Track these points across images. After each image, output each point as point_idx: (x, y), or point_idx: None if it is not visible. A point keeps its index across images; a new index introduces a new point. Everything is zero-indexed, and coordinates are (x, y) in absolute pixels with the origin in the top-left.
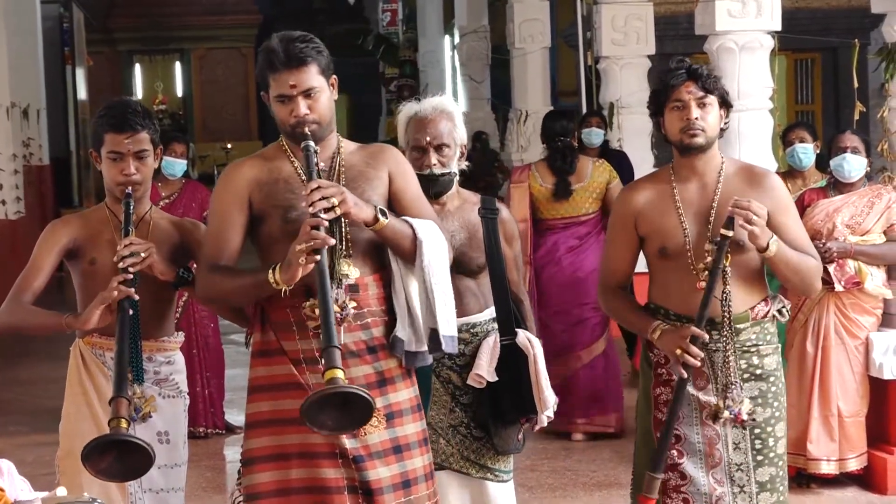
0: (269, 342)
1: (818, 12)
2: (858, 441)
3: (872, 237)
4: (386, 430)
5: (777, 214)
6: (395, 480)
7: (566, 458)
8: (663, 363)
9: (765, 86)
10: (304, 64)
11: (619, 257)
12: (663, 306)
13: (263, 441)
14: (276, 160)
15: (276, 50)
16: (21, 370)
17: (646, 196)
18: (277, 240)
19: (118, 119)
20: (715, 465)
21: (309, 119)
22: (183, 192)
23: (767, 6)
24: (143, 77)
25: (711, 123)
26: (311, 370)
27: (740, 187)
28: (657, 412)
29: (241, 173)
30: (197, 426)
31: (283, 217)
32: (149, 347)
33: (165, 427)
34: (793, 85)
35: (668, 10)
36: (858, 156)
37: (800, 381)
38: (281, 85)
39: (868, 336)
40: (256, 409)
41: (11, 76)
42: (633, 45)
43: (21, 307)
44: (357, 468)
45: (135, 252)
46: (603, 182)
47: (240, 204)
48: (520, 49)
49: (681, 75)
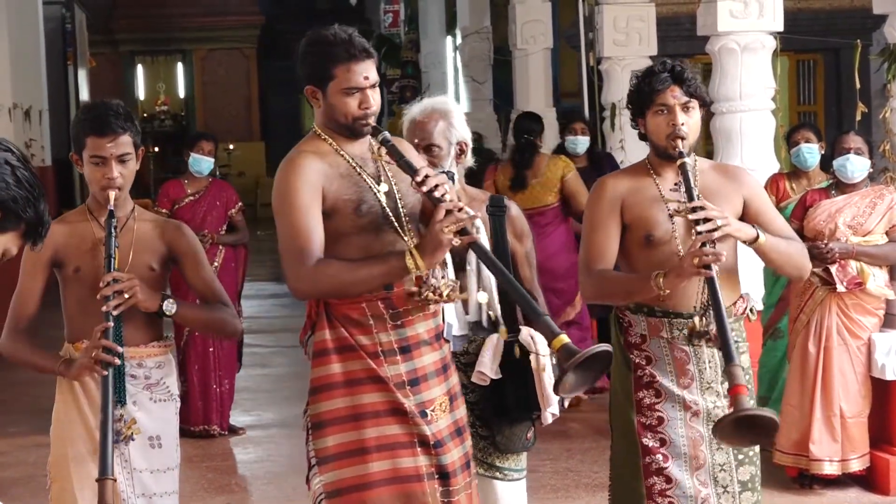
0: (340, 338)
1: (820, 13)
2: (861, 442)
3: (874, 238)
4: (449, 414)
5: (756, 204)
6: (462, 462)
7: (568, 459)
8: (644, 364)
9: (767, 86)
10: (372, 57)
11: (604, 241)
12: (647, 304)
13: (340, 437)
14: (327, 154)
15: (350, 41)
16: (21, 371)
17: (627, 185)
18: (347, 234)
19: (99, 122)
20: (699, 467)
21: (374, 112)
22: (208, 190)
23: (769, 7)
24: (145, 78)
25: (694, 128)
26: (390, 362)
27: (717, 180)
28: (640, 416)
29: (311, 165)
30: (211, 425)
31: (355, 210)
32: (139, 353)
33: (157, 431)
34: (794, 86)
35: (670, 11)
36: (862, 157)
37: (802, 382)
38: (354, 76)
39: (870, 337)
40: (330, 407)
41: (13, 77)
42: (634, 46)
43: (21, 346)
44: (436, 453)
45: (118, 291)
46: (558, 175)
47: (318, 196)
48: (522, 50)
49: (665, 79)
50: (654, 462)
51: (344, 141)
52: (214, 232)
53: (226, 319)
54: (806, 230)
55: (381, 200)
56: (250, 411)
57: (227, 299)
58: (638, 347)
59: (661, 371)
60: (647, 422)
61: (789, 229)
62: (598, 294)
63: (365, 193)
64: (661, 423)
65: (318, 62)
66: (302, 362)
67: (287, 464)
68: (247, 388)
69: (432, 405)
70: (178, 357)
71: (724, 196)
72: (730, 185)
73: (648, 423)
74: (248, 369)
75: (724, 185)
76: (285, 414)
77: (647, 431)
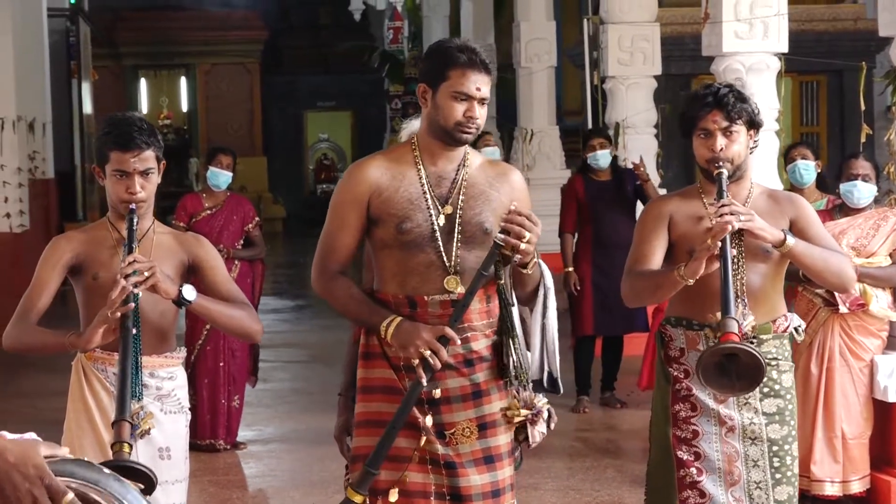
0: (371, 345)
1: (824, 35)
2: (862, 463)
3: (878, 259)
4: (478, 441)
5: (801, 223)
6: (486, 489)
7: (570, 478)
8: (682, 378)
9: (771, 107)
10: (489, 74)
11: (648, 251)
12: (685, 317)
13: (363, 440)
14: (403, 164)
15: (473, 51)
16: (23, 381)
17: (676, 204)
18: (389, 246)
19: (124, 137)
20: (734, 483)
21: (478, 125)
22: (226, 204)
23: (774, 28)
24: (149, 92)
25: (738, 151)
26: (411, 377)
27: (766, 203)
28: (676, 429)
29: (363, 175)
30: (217, 439)
31: (397, 227)
32: (151, 363)
33: (167, 443)
34: (798, 107)
35: (675, 31)
36: (869, 183)
37: (804, 403)
38: (468, 81)
39: (873, 359)
40: (360, 409)
41: (18, 90)
42: (639, 66)
43: (27, 328)
44: (448, 474)
45: (138, 270)
46: None
47: (358, 207)
48: (526, 68)
49: (707, 105)
50: (688, 475)
51: (435, 153)
52: (230, 246)
53: (247, 317)
54: None
55: (434, 222)
56: (251, 426)
57: (249, 303)
58: (677, 361)
59: (698, 384)
60: (683, 435)
61: (835, 244)
62: (632, 292)
63: (414, 212)
64: (695, 437)
65: (437, 61)
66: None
67: (288, 479)
68: (248, 403)
69: (453, 428)
70: (189, 371)
71: (771, 216)
72: (777, 207)
73: (683, 437)
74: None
75: (773, 208)
76: (286, 429)
77: (681, 444)
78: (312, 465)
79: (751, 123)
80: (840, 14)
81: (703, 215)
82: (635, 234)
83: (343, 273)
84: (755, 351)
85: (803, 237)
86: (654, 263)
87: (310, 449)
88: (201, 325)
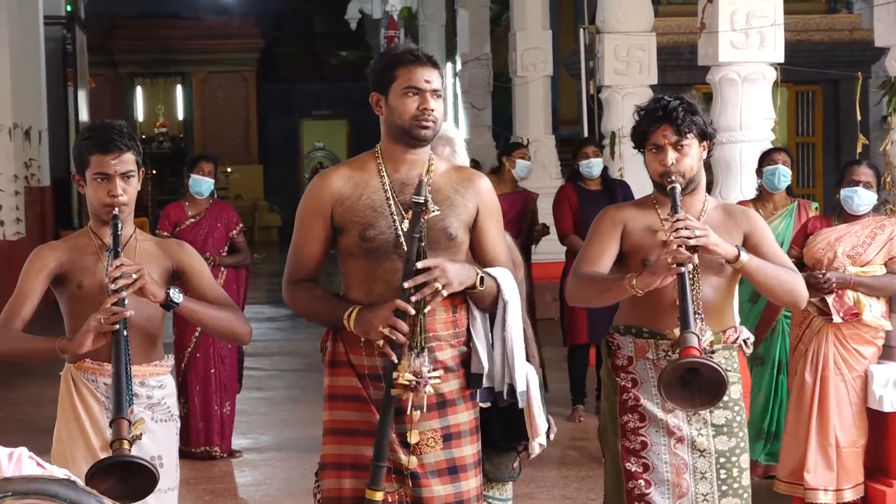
0: (338, 353)
1: (820, 45)
2: (855, 471)
3: (873, 268)
4: (442, 451)
5: (754, 238)
6: (449, 500)
7: (565, 487)
8: (630, 387)
9: (766, 117)
10: (437, 67)
11: (597, 253)
12: (635, 325)
13: (328, 448)
14: (366, 172)
15: (415, 49)
16: (17, 389)
17: (632, 214)
18: (354, 254)
19: (104, 140)
20: (682, 496)
21: (434, 118)
22: (209, 211)
23: (770, 38)
24: (144, 100)
25: (690, 165)
26: (375, 386)
27: (720, 217)
28: (625, 440)
29: (325, 186)
30: (213, 446)
31: (360, 234)
32: (141, 372)
33: (158, 451)
34: (794, 117)
35: (671, 41)
36: (870, 190)
37: (798, 411)
38: (415, 75)
39: (867, 368)
40: (326, 417)
41: (14, 97)
42: (635, 75)
43: (12, 334)
44: (413, 484)
45: (125, 273)
46: None
47: (322, 217)
48: (521, 77)
49: (657, 119)
50: (636, 487)
51: (398, 159)
52: (216, 254)
53: (236, 318)
54: (806, 258)
55: (398, 228)
56: (247, 434)
57: (236, 306)
58: (625, 370)
59: (646, 394)
60: (631, 446)
61: (788, 261)
62: (578, 293)
63: (378, 220)
64: (644, 448)
65: (383, 66)
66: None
67: (284, 487)
68: (243, 412)
69: (417, 438)
70: (178, 379)
71: (726, 231)
72: (731, 221)
73: (632, 448)
74: (245, 392)
75: (727, 221)
76: (282, 437)
77: (630, 456)
78: (308, 473)
79: (702, 135)
80: (836, 24)
81: (657, 228)
82: (588, 235)
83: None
84: (717, 365)
85: (757, 252)
86: (602, 267)
87: (305, 457)
88: (190, 332)
